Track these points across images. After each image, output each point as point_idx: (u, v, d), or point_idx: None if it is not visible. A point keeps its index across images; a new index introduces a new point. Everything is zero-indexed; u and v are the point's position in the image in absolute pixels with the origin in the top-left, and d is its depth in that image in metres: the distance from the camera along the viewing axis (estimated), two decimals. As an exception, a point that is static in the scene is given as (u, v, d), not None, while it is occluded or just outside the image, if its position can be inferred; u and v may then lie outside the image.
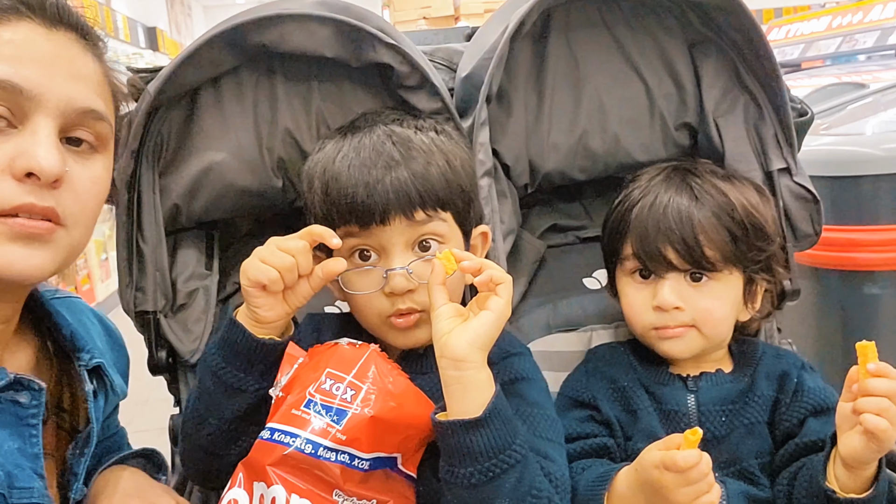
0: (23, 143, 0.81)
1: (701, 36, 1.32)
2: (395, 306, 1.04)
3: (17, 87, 0.80)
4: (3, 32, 0.82)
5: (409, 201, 1.02)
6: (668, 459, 0.92)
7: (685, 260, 1.12)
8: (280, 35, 1.17)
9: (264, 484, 0.87)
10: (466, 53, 1.34)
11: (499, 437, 0.92)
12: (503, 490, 0.92)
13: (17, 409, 0.89)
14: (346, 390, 0.91)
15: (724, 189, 1.15)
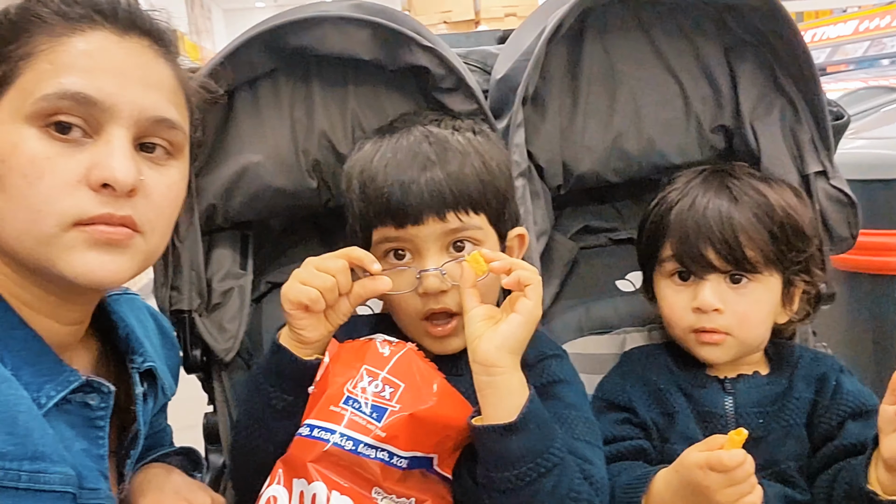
0: (98, 153, 0.81)
1: (737, 38, 1.31)
2: (427, 306, 1.04)
3: (91, 98, 0.81)
4: (77, 43, 0.82)
5: (443, 202, 1.03)
6: (714, 459, 0.91)
7: (726, 261, 1.11)
8: (318, 37, 1.17)
9: (304, 480, 0.87)
10: (501, 55, 1.35)
11: (535, 441, 0.92)
12: (541, 494, 0.92)
13: (86, 411, 0.89)
14: (383, 387, 0.91)
15: (762, 190, 1.15)
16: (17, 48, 0.81)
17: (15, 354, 0.83)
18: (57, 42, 0.81)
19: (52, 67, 0.80)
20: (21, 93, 0.80)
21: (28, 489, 0.78)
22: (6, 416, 0.78)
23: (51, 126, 0.80)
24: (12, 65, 0.81)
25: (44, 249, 0.81)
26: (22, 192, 0.79)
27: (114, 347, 1.01)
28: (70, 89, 0.80)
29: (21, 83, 0.80)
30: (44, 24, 0.82)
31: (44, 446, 0.81)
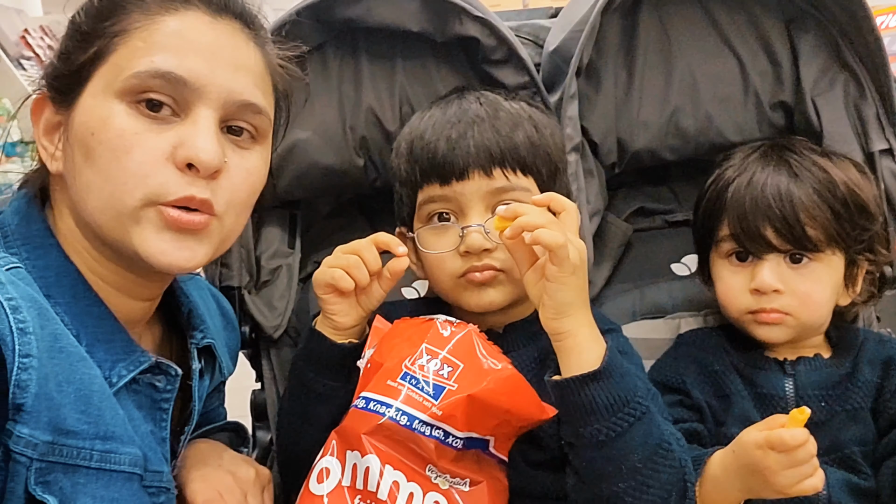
0: (185, 132, 0.81)
1: (799, 11, 1.26)
2: (469, 263, 1.03)
3: (181, 78, 0.80)
4: (170, 22, 0.82)
5: (490, 157, 1.02)
6: (775, 437, 0.87)
7: (785, 240, 1.07)
8: (366, 9, 1.17)
9: (358, 453, 0.86)
10: (554, 27, 1.32)
11: (620, 389, 0.90)
12: (633, 445, 0.90)
13: (152, 393, 0.90)
14: (442, 366, 0.90)
15: (824, 165, 1.10)
16: (113, 24, 0.81)
17: (90, 332, 0.83)
18: (151, 20, 0.82)
19: (144, 45, 0.81)
20: (114, 68, 0.81)
21: (99, 469, 0.78)
22: (81, 394, 0.77)
23: (141, 103, 0.80)
24: (107, 40, 0.81)
25: (123, 224, 0.81)
26: (109, 165, 0.79)
27: (175, 324, 1.01)
28: (161, 68, 0.80)
29: (114, 59, 0.81)
30: (140, 3, 0.83)
31: (115, 426, 0.80)
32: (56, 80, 0.84)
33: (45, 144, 0.85)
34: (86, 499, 0.77)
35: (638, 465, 0.90)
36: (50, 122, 0.85)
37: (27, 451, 0.72)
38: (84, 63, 0.82)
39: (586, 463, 0.91)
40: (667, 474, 0.92)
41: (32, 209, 0.87)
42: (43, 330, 0.74)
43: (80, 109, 0.81)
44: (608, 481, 0.90)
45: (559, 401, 0.92)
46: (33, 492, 0.72)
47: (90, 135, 0.80)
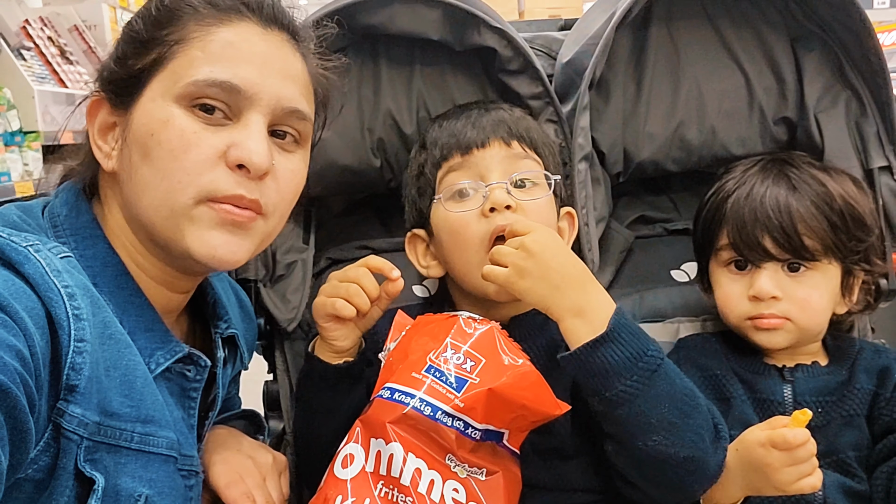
0: (237, 135, 0.86)
1: (804, 30, 1.31)
2: (494, 223, 1.06)
3: (235, 87, 0.85)
4: (224, 33, 0.87)
5: (509, 130, 1.12)
6: (778, 436, 0.92)
7: (783, 249, 1.12)
8: (389, 16, 1.20)
9: (382, 441, 0.89)
10: (568, 40, 1.36)
11: (632, 346, 0.93)
12: (659, 396, 0.93)
13: (182, 382, 0.94)
14: (465, 360, 0.93)
15: (822, 179, 1.15)
16: (170, 34, 0.86)
17: (132, 320, 0.87)
18: (207, 31, 0.86)
19: (202, 55, 0.85)
20: (172, 75, 0.85)
21: (139, 450, 0.82)
22: (126, 379, 0.81)
23: (196, 107, 0.85)
24: (166, 48, 0.86)
25: (176, 222, 0.85)
26: (167, 164, 0.84)
27: (199, 314, 1.05)
28: (218, 77, 0.85)
29: (173, 66, 0.86)
30: (196, 13, 0.88)
31: (154, 411, 0.84)
32: (113, 84, 0.88)
33: (99, 144, 0.89)
34: (126, 478, 0.81)
35: (667, 414, 0.93)
36: (105, 123, 0.89)
37: (79, 430, 0.75)
38: (142, 68, 0.86)
39: (619, 425, 0.95)
40: (697, 418, 0.95)
41: (81, 201, 0.91)
42: (95, 317, 0.78)
43: (140, 112, 0.86)
44: (643, 436, 0.93)
45: (577, 374, 0.96)
46: (83, 468, 0.76)
47: (149, 135, 0.84)
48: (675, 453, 0.93)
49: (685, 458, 0.94)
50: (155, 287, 0.92)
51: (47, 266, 0.76)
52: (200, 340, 1.04)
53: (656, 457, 0.94)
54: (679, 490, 0.98)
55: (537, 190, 1.11)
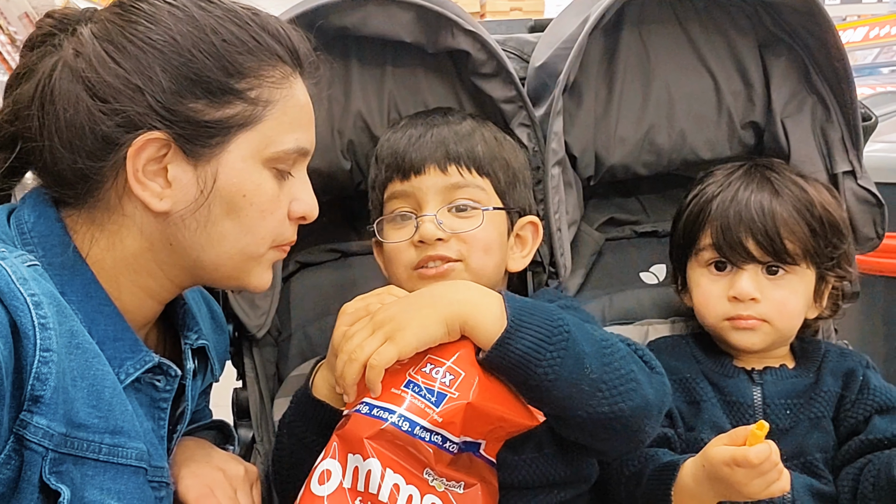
0: (295, 190, 0.94)
1: (772, 36, 1.32)
2: (423, 254, 1.06)
3: (308, 151, 0.95)
4: (298, 94, 0.92)
5: (446, 154, 1.09)
6: (740, 456, 0.93)
7: (766, 252, 1.14)
8: (362, 18, 1.18)
9: (360, 456, 0.88)
10: (540, 43, 1.35)
11: (539, 327, 0.91)
12: (577, 360, 0.91)
13: (152, 392, 0.92)
14: (445, 374, 0.92)
15: (803, 186, 1.17)
16: (250, 89, 0.87)
17: (101, 330, 0.85)
18: (287, 94, 0.90)
19: (287, 119, 0.90)
20: (263, 138, 0.88)
21: (107, 462, 0.81)
22: (94, 389, 0.80)
23: (276, 167, 0.91)
24: (253, 107, 0.87)
25: (248, 266, 0.92)
26: (255, 223, 0.89)
27: (170, 324, 1.03)
28: (301, 146, 0.92)
29: (263, 129, 0.88)
30: (263, 64, 0.88)
31: (123, 421, 0.83)
32: (180, 125, 0.84)
33: (143, 181, 0.84)
34: (94, 490, 0.79)
35: (594, 375, 0.91)
36: (154, 160, 0.85)
37: (44, 442, 0.74)
38: (225, 121, 0.85)
39: (554, 403, 0.93)
40: (623, 366, 0.94)
41: (49, 208, 0.88)
42: (62, 326, 0.76)
43: (229, 169, 0.87)
44: (581, 406, 0.92)
45: (499, 371, 0.93)
46: (47, 481, 0.74)
47: (241, 196, 0.88)
48: (620, 409, 0.92)
49: (632, 410, 0.93)
50: (134, 296, 0.90)
51: (13, 274, 0.74)
52: (171, 351, 1.02)
53: (601, 419, 0.93)
54: (633, 437, 0.98)
55: (477, 214, 1.08)
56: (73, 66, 0.83)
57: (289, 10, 1.19)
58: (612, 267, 1.46)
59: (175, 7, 0.86)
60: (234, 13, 0.88)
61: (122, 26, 0.84)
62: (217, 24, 0.86)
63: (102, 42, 0.84)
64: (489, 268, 1.10)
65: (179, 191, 0.86)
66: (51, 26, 0.88)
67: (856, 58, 4.47)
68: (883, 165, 1.99)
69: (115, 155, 0.83)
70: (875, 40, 4.49)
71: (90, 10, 0.89)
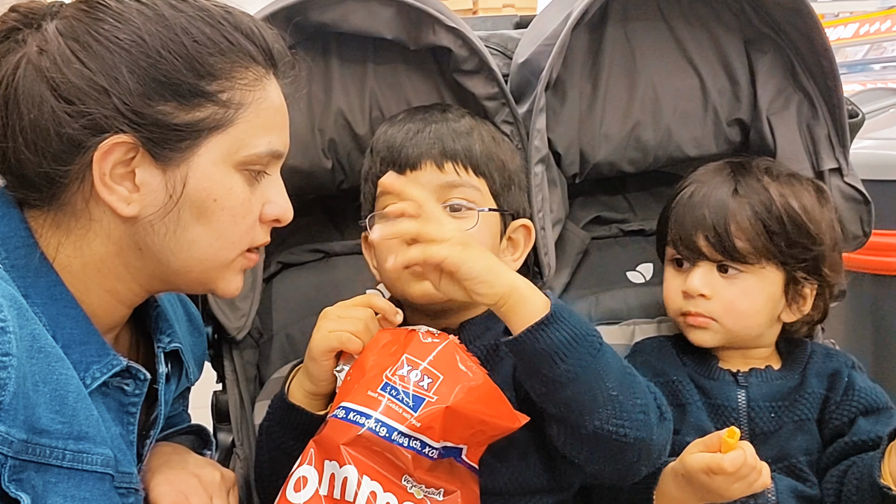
0: (266, 192, 0.91)
1: (758, 32, 1.31)
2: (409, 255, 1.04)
3: (282, 154, 0.92)
4: (271, 96, 0.89)
5: (443, 150, 1.07)
6: (715, 465, 0.93)
7: (715, 249, 1.13)
8: (342, 14, 1.16)
9: (336, 463, 0.87)
10: (524, 40, 1.34)
11: (575, 326, 0.91)
12: (603, 373, 0.92)
13: (121, 396, 0.90)
14: (422, 377, 0.91)
15: (766, 185, 1.16)
16: (221, 91, 0.84)
17: (66, 333, 0.83)
18: (259, 96, 0.87)
19: (260, 122, 0.88)
20: (234, 141, 0.86)
21: (71, 468, 0.79)
22: (57, 394, 0.78)
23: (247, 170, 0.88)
24: (224, 110, 0.85)
25: (218, 272, 0.90)
26: (226, 228, 0.87)
27: (143, 328, 1.01)
28: (274, 148, 0.90)
29: (234, 132, 0.86)
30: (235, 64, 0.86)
31: (88, 427, 0.81)
32: (148, 128, 0.81)
33: (110, 185, 0.82)
34: (57, 497, 0.78)
35: (612, 392, 0.91)
36: (121, 164, 0.82)
37: (2, 449, 0.72)
38: (195, 123, 0.83)
39: (564, 404, 0.92)
40: (640, 397, 0.94)
41: (12, 209, 0.85)
42: (22, 329, 0.74)
43: (199, 173, 0.84)
44: (589, 415, 0.91)
45: (520, 357, 0.93)
46: (7, 489, 0.73)
47: (212, 201, 0.85)
48: (623, 434, 0.92)
49: (634, 440, 0.92)
50: (101, 300, 0.88)
51: None
52: (143, 355, 1.00)
53: (604, 437, 0.92)
54: (626, 470, 0.97)
55: (471, 215, 1.07)
56: (38, 65, 0.80)
57: (267, 6, 1.17)
58: (599, 266, 1.44)
59: (144, 5, 0.83)
60: (206, 12, 0.85)
61: (87, 24, 0.81)
62: (188, 23, 0.83)
63: (68, 40, 0.81)
64: None
65: (148, 195, 0.83)
66: (14, 21, 0.84)
67: (846, 54, 4.47)
68: (870, 162, 1.98)
69: (81, 158, 0.81)
70: (865, 36, 4.48)
71: (56, 4, 0.86)
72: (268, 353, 1.32)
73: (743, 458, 0.93)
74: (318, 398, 1.03)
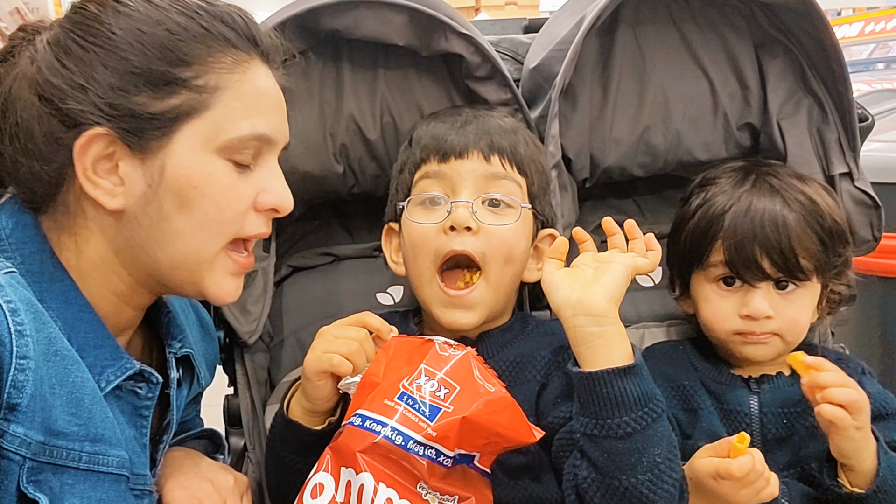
0: (262, 180, 0.89)
1: (769, 36, 1.31)
2: (449, 245, 1.05)
3: (269, 137, 0.89)
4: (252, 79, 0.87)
5: (491, 143, 1.09)
6: (723, 470, 0.94)
7: (779, 269, 1.11)
8: (354, 21, 1.17)
9: (353, 470, 0.87)
10: (535, 44, 1.34)
11: (647, 385, 0.94)
12: (655, 439, 0.94)
13: (133, 399, 0.91)
14: (439, 387, 0.91)
15: (811, 195, 1.15)
16: (195, 77, 0.84)
17: (80, 337, 0.84)
18: (240, 78, 0.86)
19: (241, 106, 0.86)
20: (212, 125, 0.84)
21: (87, 470, 0.80)
22: (73, 396, 0.79)
23: (233, 156, 0.86)
24: (198, 95, 0.84)
25: (199, 269, 0.88)
26: (209, 217, 0.86)
27: (156, 333, 1.01)
28: (259, 132, 0.87)
29: (211, 116, 0.84)
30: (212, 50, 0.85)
31: (104, 429, 0.82)
32: (123, 120, 0.82)
33: (95, 180, 0.83)
34: (74, 499, 0.79)
35: (657, 459, 0.93)
36: (102, 157, 0.83)
37: (21, 450, 0.73)
38: (169, 111, 0.83)
39: (607, 454, 0.93)
40: (677, 472, 0.96)
41: (27, 215, 0.87)
42: (39, 333, 0.75)
43: (177, 161, 0.83)
44: (628, 473, 0.93)
45: (586, 391, 0.95)
46: (25, 490, 0.74)
47: (192, 188, 0.84)
48: (652, 500, 0.93)
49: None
50: (114, 303, 0.89)
51: None
52: (156, 360, 1.00)
53: (634, 496, 0.93)
54: None
55: (510, 212, 1.08)
56: (28, 74, 0.84)
57: (280, 12, 1.18)
58: (609, 270, 1.44)
59: (120, 4, 0.84)
60: (182, 3, 0.86)
61: (70, 30, 0.84)
62: (162, 15, 0.84)
63: (53, 47, 0.83)
64: (507, 279, 1.10)
65: (131, 187, 0.84)
66: (20, 39, 0.88)
67: (851, 53, 4.47)
68: (879, 165, 1.98)
69: (64, 155, 0.83)
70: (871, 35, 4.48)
71: (56, 20, 0.89)
72: (279, 356, 1.32)
73: (751, 463, 0.93)
74: (315, 415, 1.04)
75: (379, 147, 1.28)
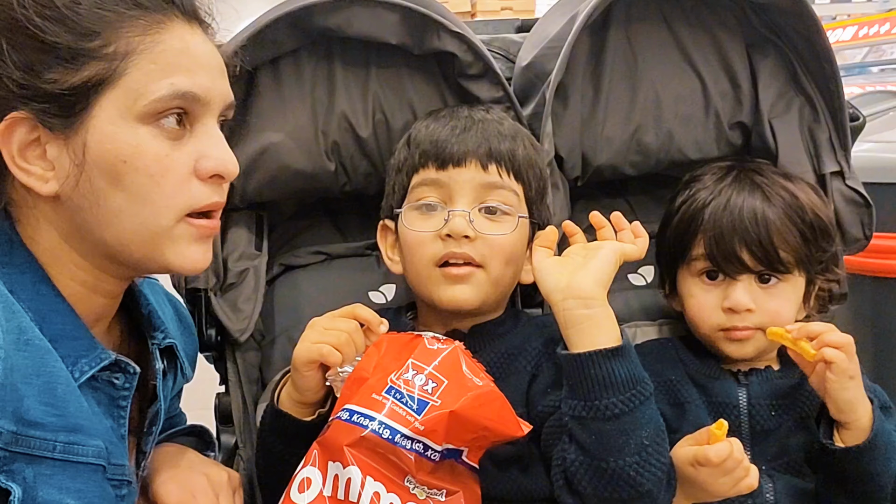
0: (202, 145, 0.85)
1: (760, 36, 1.32)
2: (447, 249, 1.06)
3: (196, 96, 0.84)
4: (169, 39, 0.83)
5: (489, 152, 1.08)
6: (701, 456, 0.95)
7: (759, 262, 1.12)
8: (346, 19, 1.17)
9: (340, 464, 0.87)
10: (527, 43, 1.34)
11: (635, 368, 0.96)
12: (643, 421, 0.95)
13: (110, 390, 0.90)
14: (427, 381, 0.91)
15: (793, 190, 1.16)
16: (105, 45, 0.80)
17: (53, 328, 0.83)
18: (153, 40, 0.82)
19: (157, 67, 0.82)
20: (130, 92, 0.81)
21: (63, 460, 0.79)
22: (47, 387, 0.78)
23: (160, 123, 0.82)
24: (110, 64, 0.80)
25: (157, 243, 0.85)
26: (146, 190, 0.82)
27: (136, 326, 1.01)
28: (180, 89, 0.82)
29: (126, 83, 0.81)
30: (122, 17, 0.81)
31: (79, 419, 0.81)
32: (38, 101, 0.79)
33: (24, 167, 0.81)
34: (51, 489, 0.78)
35: (645, 441, 0.94)
36: (27, 143, 0.81)
37: None
38: (80, 85, 0.80)
39: (595, 436, 0.94)
40: (665, 457, 0.97)
41: None
42: (9, 322, 0.75)
43: (98, 135, 0.80)
44: (616, 454, 0.93)
45: (573, 373, 0.96)
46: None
47: (121, 162, 0.81)
48: (640, 483, 0.93)
49: (646, 492, 0.94)
50: (83, 293, 0.87)
51: None
52: (136, 353, 1.00)
53: (622, 477, 0.93)
54: None
55: (507, 220, 1.09)
56: None
57: (273, 10, 1.18)
58: (600, 269, 1.44)
59: None
60: None
61: None
62: None
63: None
64: (507, 278, 1.11)
65: (60, 170, 0.82)
66: None
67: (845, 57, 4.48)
68: (871, 165, 1.98)
69: None
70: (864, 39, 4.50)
71: None
72: (270, 354, 1.32)
73: (729, 450, 0.94)
74: (305, 406, 1.04)
75: (371, 145, 1.28)
